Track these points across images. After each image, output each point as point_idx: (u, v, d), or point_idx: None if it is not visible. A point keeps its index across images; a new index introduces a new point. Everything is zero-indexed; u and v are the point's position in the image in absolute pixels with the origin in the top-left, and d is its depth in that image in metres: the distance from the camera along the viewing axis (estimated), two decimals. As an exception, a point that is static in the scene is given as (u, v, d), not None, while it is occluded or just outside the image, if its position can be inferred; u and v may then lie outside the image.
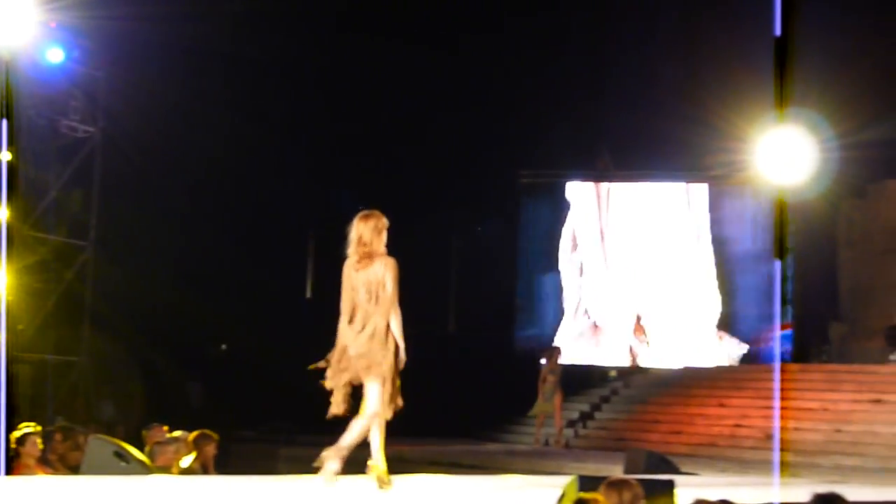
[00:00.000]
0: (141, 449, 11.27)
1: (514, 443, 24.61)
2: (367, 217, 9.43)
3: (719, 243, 28.70)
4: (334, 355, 9.37)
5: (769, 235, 27.39)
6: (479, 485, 11.12)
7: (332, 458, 9.16)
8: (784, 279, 25.78)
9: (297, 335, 27.59)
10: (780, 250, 25.85)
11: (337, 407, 9.34)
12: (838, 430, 21.07)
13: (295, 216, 28.58)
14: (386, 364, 9.21)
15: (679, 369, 27.53)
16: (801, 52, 21.50)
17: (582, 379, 26.68)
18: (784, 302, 25.58)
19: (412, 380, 10.13)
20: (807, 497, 6.99)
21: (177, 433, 11.54)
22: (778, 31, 19.83)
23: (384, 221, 9.44)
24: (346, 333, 9.33)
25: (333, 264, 9.58)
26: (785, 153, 25.43)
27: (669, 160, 28.21)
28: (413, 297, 9.70)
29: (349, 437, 9.25)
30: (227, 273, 25.88)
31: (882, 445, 20.04)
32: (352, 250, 9.38)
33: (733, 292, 28.45)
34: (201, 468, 11.38)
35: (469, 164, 28.44)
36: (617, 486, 6.87)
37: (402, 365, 9.31)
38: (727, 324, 28.25)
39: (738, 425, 22.51)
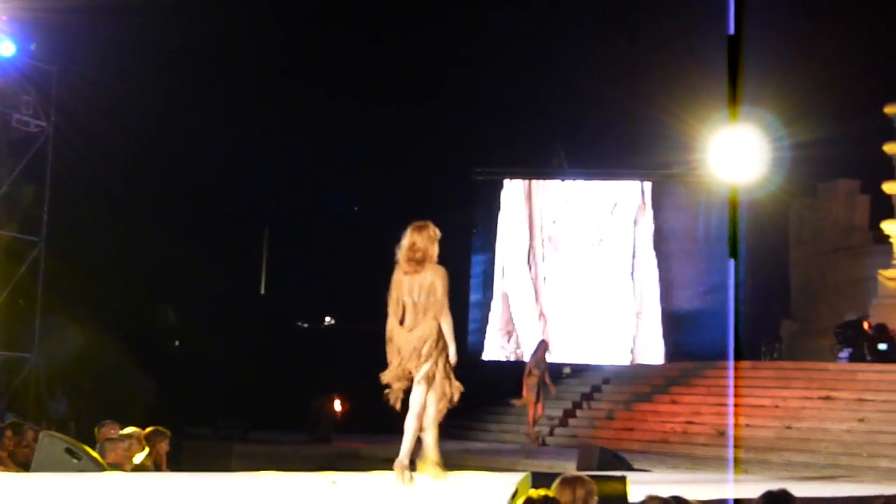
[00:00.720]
0: (93, 446, 11.17)
1: (469, 440, 24.63)
2: (421, 227, 9.87)
3: (671, 240, 28.76)
4: (389, 354, 9.84)
5: (721, 234, 27.48)
6: (434, 481, 11.11)
7: (402, 463, 9.69)
8: (737, 276, 25.92)
9: (250, 331, 27.54)
10: (733, 248, 26.02)
11: (395, 402, 9.90)
12: (789, 427, 21.27)
13: (249, 212, 28.44)
14: (435, 365, 9.77)
15: (631, 366, 27.62)
16: (754, 51, 21.76)
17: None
18: (736, 299, 25.72)
19: (369, 378, 10.20)
20: (757, 493, 7.06)
21: (129, 430, 11.46)
22: (731, 30, 19.97)
23: (437, 232, 9.90)
24: (398, 333, 9.80)
25: (287, 261, 9.63)
26: (737, 152, 25.68)
27: (623, 158, 28.28)
28: (368, 296, 9.78)
29: (406, 441, 9.77)
30: (180, 269, 25.73)
31: (832, 442, 20.25)
32: (402, 256, 9.81)
33: (685, 289, 28.57)
34: (154, 465, 11.32)
35: (424, 162, 28.41)
36: (570, 482, 6.91)
37: (453, 363, 9.90)
38: (680, 320, 28.33)
39: (689, 422, 22.66)
